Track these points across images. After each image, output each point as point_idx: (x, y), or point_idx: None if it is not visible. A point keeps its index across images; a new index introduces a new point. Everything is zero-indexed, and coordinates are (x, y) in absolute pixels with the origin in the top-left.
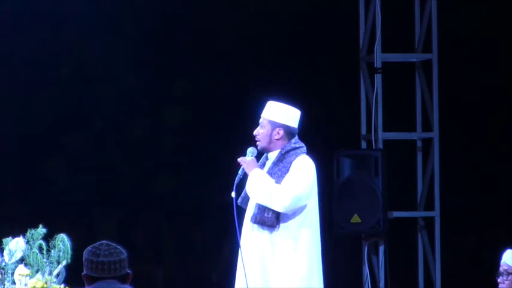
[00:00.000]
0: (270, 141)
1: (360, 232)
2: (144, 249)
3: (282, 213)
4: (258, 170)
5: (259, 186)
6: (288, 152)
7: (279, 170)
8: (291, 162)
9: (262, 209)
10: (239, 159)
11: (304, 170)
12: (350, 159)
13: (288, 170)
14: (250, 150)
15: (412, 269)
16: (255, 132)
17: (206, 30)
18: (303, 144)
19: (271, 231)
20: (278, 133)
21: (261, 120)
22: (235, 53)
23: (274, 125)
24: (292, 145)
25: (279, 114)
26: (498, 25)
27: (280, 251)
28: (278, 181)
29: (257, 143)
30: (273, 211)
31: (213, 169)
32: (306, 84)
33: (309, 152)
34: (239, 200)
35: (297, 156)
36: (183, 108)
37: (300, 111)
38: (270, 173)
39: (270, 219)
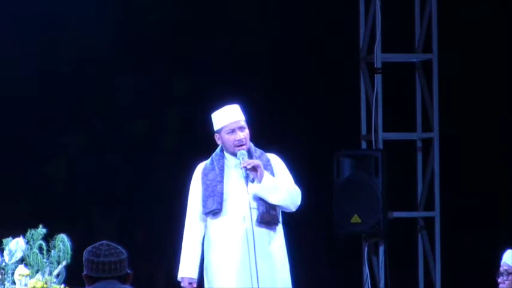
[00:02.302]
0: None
1: (360, 232)
2: (144, 249)
3: (280, 211)
4: (267, 172)
5: (277, 188)
6: (249, 149)
7: (265, 169)
8: (268, 161)
9: (268, 208)
10: (256, 163)
11: (286, 168)
12: (350, 159)
13: (272, 169)
14: (243, 153)
15: (412, 269)
16: (242, 137)
17: (206, 30)
18: None
19: (273, 229)
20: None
21: (241, 124)
22: (234, 53)
23: (246, 123)
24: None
25: (242, 113)
26: (498, 25)
27: (276, 249)
28: None
29: (243, 147)
30: (276, 209)
31: None
32: (306, 84)
33: (310, 152)
34: (215, 206)
35: (261, 153)
36: (183, 108)
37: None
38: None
39: (275, 217)
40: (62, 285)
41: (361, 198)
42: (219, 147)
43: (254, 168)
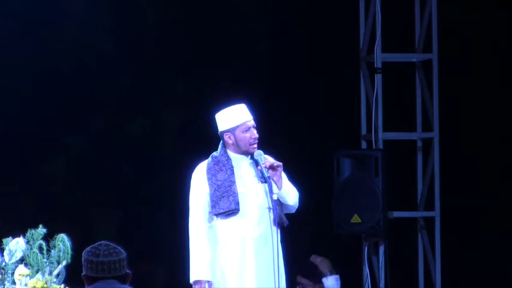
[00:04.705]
0: None
1: (360, 232)
2: (144, 249)
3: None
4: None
5: (290, 190)
6: None
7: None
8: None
9: (281, 208)
10: (277, 163)
11: None
12: (350, 159)
13: None
14: (260, 152)
15: (412, 269)
16: (256, 135)
17: (206, 29)
18: None
19: (280, 229)
20: None
21: (253, 123)
22: (234, 53)
23: None
24: None
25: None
26: (498, 25)
27: (281, 249)
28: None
29: (256, 145)
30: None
31: None
32: (306, 84)
33: (310, 152)
34: (233, 206)
35: (259, 153)
36: (183, 109)
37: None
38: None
39: (285, 218)
40: (62, 285)
41: (361, 198)
42: (221, 146)
43: (273, 168)
